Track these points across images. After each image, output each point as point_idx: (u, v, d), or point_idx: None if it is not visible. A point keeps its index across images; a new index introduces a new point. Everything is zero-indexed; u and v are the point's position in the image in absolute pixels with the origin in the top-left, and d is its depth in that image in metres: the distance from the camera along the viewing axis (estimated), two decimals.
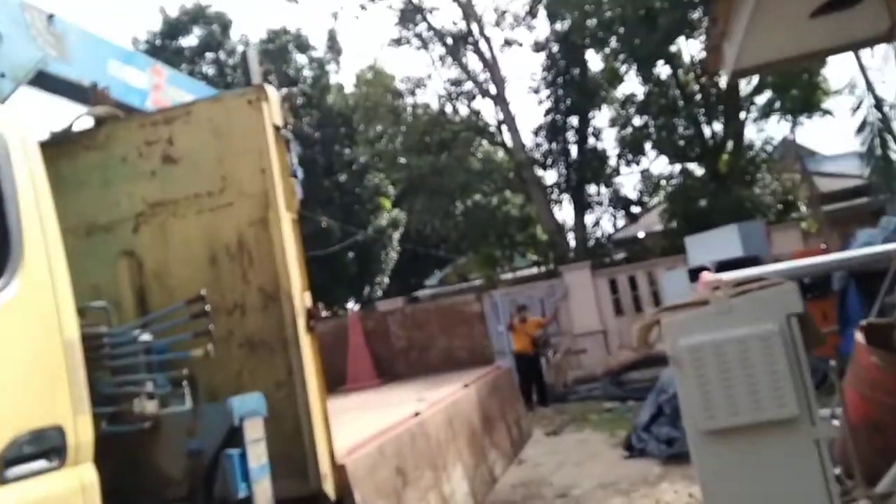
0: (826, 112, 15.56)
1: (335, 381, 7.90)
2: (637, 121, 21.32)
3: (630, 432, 8.97)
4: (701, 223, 18.98)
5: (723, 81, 20.46)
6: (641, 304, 17.50)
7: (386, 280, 39.17)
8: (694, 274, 12.34)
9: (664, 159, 21.80)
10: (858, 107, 15.03)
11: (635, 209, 21.05)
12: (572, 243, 20.15)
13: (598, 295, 17.59)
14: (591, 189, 20.48)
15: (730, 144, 19.83)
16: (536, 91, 20.05)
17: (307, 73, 37.59)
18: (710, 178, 19.49)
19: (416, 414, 5.00)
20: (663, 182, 21.72)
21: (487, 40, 20.20)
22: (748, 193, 18.11)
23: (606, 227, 20.09)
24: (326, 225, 35.77)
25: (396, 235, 38.33)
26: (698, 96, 20.75)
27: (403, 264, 39.26)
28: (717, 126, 19.96)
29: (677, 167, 21.06)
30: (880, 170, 14.96)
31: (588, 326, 17.39)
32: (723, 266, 12.23)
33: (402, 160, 20.18)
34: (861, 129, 15.11)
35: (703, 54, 19.59)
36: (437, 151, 19.46)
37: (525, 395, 13.56)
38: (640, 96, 21.48)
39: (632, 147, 20.83)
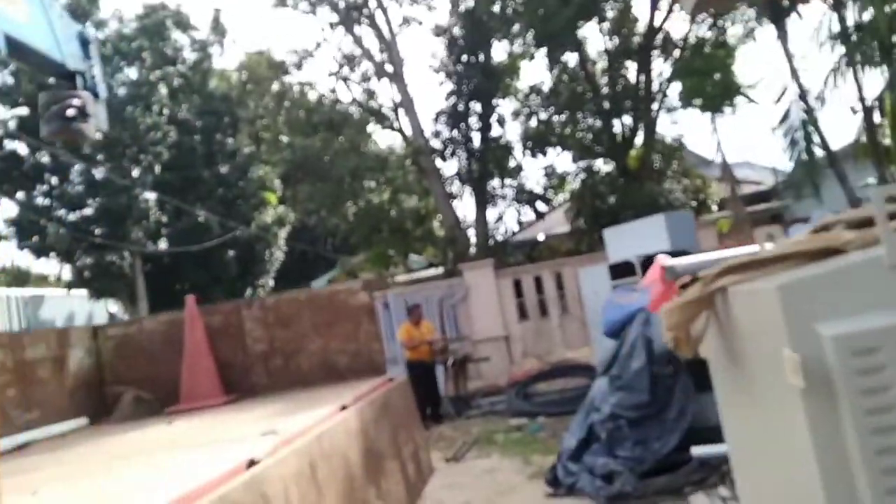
0: (749, 100, 14.53)
1: (167, 399, 5.68)
2: (543, 114, 19.93)
3: (553, 462, 7.17)
4: (610, 221, 17.69)
5: (631, 74, 19.45)
6: (547, 307, 15.93)
7: (271, 282, 36.37)
8: (616, 270, 10.78)
9: (570, 155, 20.47)
10: (782, 96, 14.01)
11: (541, 206, 19.48)
12: (473, 240, 18.40)
13: (502, 297, 15.87)
14: (495, 182, 18.80)
15: (640, 139, 18.71)
16: (437, 71, 18.22)
17: (188, 54, 34.41)
18: (620, 174, 18.27)
19: (252, 463, 2.91)
20: (569, 178, 20.37)
21: (385, 12, 18.19)
22: (661, 189, 16.94)
23: (510, 223, 18.50)
24: (204, 219, 32.78)
25: (283, 233, 35.69)
26: (605, 89, 19.57)
27: (290, 265, 36.56)
28: (627, 119, 18.80)
29: (584, 163, 19.76)
30: (802, 164, 13.98)
31: (490, 331, 15.63)
32: (649, 261, 10.74)
33: (285, 139, 17.80)
34: (784, 119, 14.09)
35: (612, 42, 18.40)
36: (326, 133, 17.27)
37: (420, 410, 11.61)
38: (546, 86, 20.12)
39: (535, 141, 19.35)
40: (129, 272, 31.98)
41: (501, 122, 18.73)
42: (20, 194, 29.68)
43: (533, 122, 19.89)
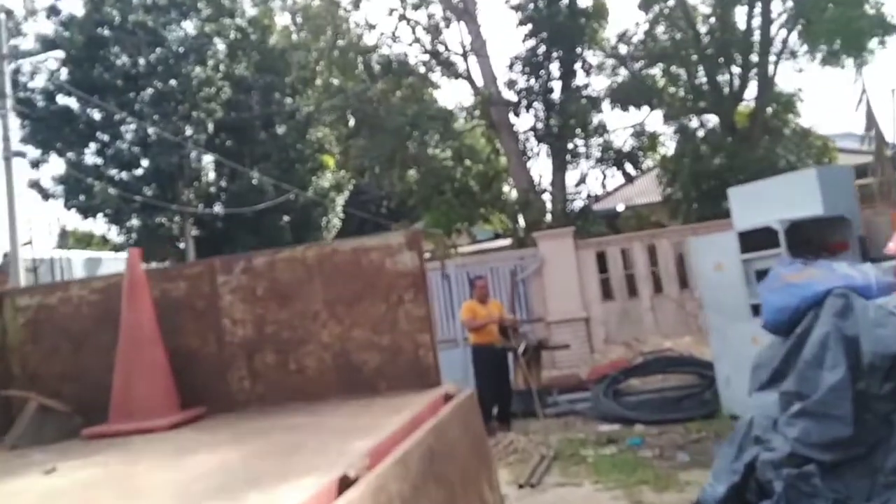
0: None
1: (95, 412, 3.56)
2: (633, 65, 17.20)
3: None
4: (715, 187, 15.00)
5: (740, 18, 16.53)
6: (637, 286, 13.44)
7: None
8: (749, 239, 8.25)
9: (661, 113, 17.68)
10: None
11: (630, 169, 16.76)
12: (549, 207, 15.92)
13: (582, 272, 13.44)
14: (577, 141, 16.20)
15: (751, 92, 15.86)
16: (515, 10, 15.65)
17: (248, 8, 32.58)
18: (726, 133, 15.48)
19: None
20: (661, 139, 17.63)
21: None
22: (778, 150, 14.14)
23: (593, 187, 15.94)
24: (258, 182, 31.10)
25: (340, 199, 33.80)
26: (708, 37, 16.72)
27: (348, 233, 34.74)
28: (735, 70, 15.93)
29: (682, 120, 16.97)
30: None
31: (567, 312, 13.24)
32: (795, 228, 8.17)
33: (335, 81, 15.57)
34: None
35: None
36: (384, 78, 15.03)
37: (484, 410, 9.34)
38: (639, 32, 17.35)
39: (624, 96, 16.66)
40: (178, 235, 30.63)
41: (587, 69, 16.09)
42: (71, 154, 28.53)
43: (621, 75, 17.20)
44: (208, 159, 31.59)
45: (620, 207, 20.98)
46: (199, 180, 30.68)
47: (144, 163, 28.95)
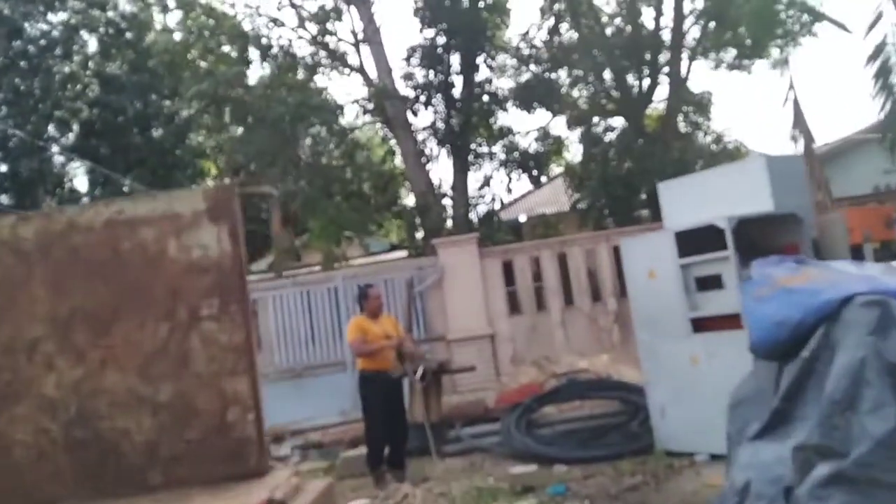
0: (838, 26, 10.81)
1: None
2: (535, 67, 16.05)
3: None
4: (624, 192, 13.97)
5: (648, 18, 15.71)
6: (546, 298, 12.11)
7: None
8: (688, 240, 6.96)
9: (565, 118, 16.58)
10: (875, 23, 10.33)
11: (537, 173, 15.45)
12: (451, 212, 14.40)
13: (487, 283, 11.99)
14: (480, 140, 14.78)
15: (662, 92, 14.96)
16: None
17: (123, 2, 29.78)
18: (637, 136, 14.48)
19: None
20: (567, 143, 16.53)
21: None
22: (693, 151, 13.23)
23: (499, 190, 14.55)
24: (130, 189, 28.22)
25: None
26: (613, 35, 15.80)
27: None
28: (645, 70, 15.01)
29: (589, 124, 15.92)
30: (895, 113, 10.36)
31: (471, 329, 11.74)
32: (744, 226, 6.93)
33: (203, 64, 13.52)
34: (876, 55, 10.44)
35: None
36: (264, 67, 13.20)
37: (374, 451, 7.63)
38: (542, 31, 16.23)
39: (525, 98, 15.44)
40: None
41: (490, 65, 14.72)
42: None
43: (525, 76, 15.99)
44: (74, 164, 28.54)
45: (523, 218, 19.79)
46: (62, 187, 27.54)
47: (1, 167, 25.68)
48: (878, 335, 3.08)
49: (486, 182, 14.61)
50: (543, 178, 16.12)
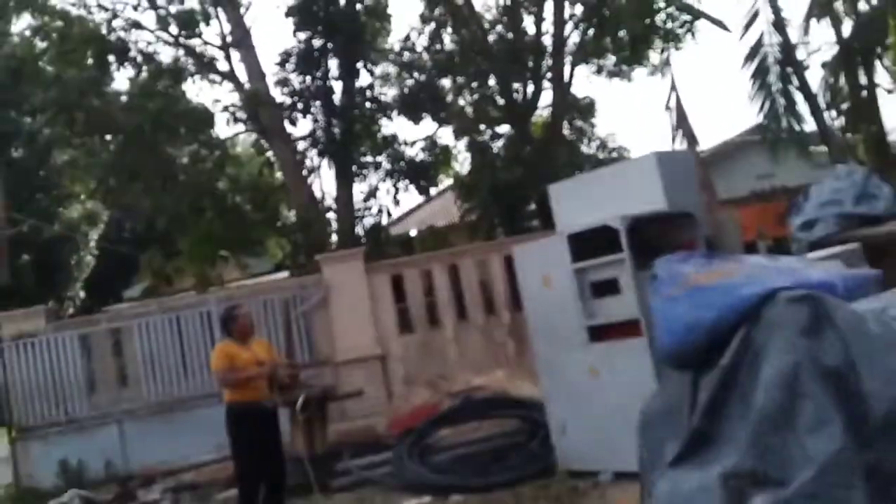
0: (716, 24, 10.82)
1: None
2: (419, 75, 15.59)
3: None
4: (515, 199, 13.64)
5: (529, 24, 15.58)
6: (438, 314, 11.52)
7: (81, 293, 29.63)
8: (582, 243, 6.53)
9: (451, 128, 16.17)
10: (751, 23, 10.41)
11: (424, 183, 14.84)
12: (335, 227, 13.60)
13: (376, 300, 11.27)
14: (363, 150, 14.05)
15: (546, 98, 14.78)
16: None
17: None
18: (524, 144, 14.20)
19: None
20: (455, 152, 16.09)
21: None
22: (581, 156, 13.06)
23: (385, 202, 13.85)
24: None
25: (94, 234, 29.07)
26: (495, 41, 15.56)
27: (105, 271, 30.02)
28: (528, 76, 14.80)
29: (476, 133, 15.55)
30: (774, 112, 10.45)
31: (359, 350, 10.96)
32: (638, 226, 6.55)
33: (49, 69, 12.17)
34: (753, 55, 10.51)
35: None
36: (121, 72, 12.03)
37: (247, 495, 6.74)
38: (422, 38, 15.81)
39: (410, 106, 14.94)
40: None
41: (371, 70, 14.07)
42: None
43: (408, 84, 15.49)
44: None
45: (414, 232, 19.22)
46: None
47: None
48: (810, 336, 2.60)
49: (372, 193, 13.91)
50: (433, 190, 15.53)
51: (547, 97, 14.89)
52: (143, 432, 10.63)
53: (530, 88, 14.71)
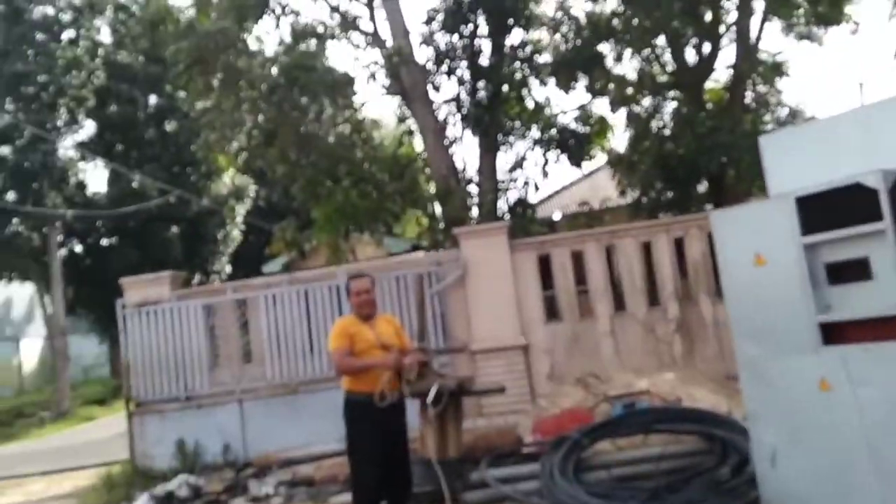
0: None
1: None
2: (573, 38, 13.88)
3: None
4: (686, 176, 11.79)
5: None
6: (592, 302, 9.96)
7: (227, 267, 30.21)
8: (811, 209, 4.80)
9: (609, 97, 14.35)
10: None
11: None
12: (476, 200, 12.28)
13: (520, 282, 9.87)
14: (512, 118, 12.61)
15: (725, 59, 12.75)
16: None
17: None
18: (696, 111, 12.25)
19: None
20: (612, 124, 14.31)
21: None
22: (766, 123, 11.02)
23: (533, 174, 12.35)
24: (140, 185, 26.58)
25: (241, 209, 29.45)
26: None
27: (250, 245, 30.46)
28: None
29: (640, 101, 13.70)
30: None
31: (499, 338, 9.61)
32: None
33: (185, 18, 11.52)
34: None
35: None
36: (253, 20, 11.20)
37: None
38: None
39: (567, 73, 13.29)
40: (42, 248, 25.75)
41: (525, 25, 12.52)
42: None
43: (562, 48, 13.84)
44: (83, 161, 26.96)
45: (557, 216, 17.62)
46: (66, 181, 25.97)
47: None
48: None
49: (519, 164, 12.44)
50: (585, 164, 13.84)
51: (726, 58, 12.82)
52: (264, 414, 9.81)
53: (706, 48, 12.70)
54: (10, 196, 24.00)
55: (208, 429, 9.75)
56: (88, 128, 27.35)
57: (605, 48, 14.35)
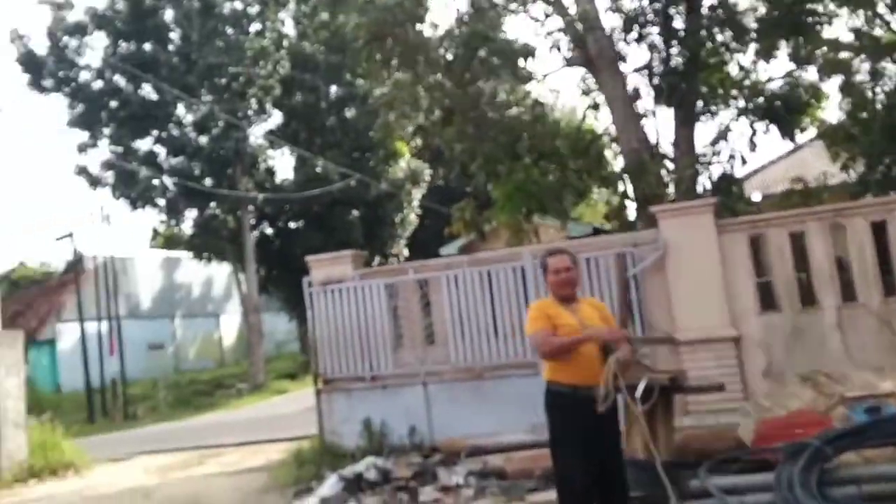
0: None
1: None
2: None
3: None
4: None
5: None
6: (815, 290, 8.73)
7: (404, 250, 30.74)
8: None
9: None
10: None
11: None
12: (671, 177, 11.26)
13: (728, 267, 8.83)
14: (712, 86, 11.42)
15: None
16: None
17: None
18: None
19: None
20: (826, 92, 12.60)
21: None
22: None
23: (740, 148, 11.14)
24: (323, 171, 27.53)
25: (417, 193, 29.78)
26: None
27: (426, 229, 30.77)
28: None
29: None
30: None
31: (706, 329, 8.64)
32: None
33: None
34: None
35: None
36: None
37: None
38: None
39: (766, 40, 11.81)
40: (236, 229, 27.43)
41: None
42: (121, 136, 25.74)
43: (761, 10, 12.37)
44: (270, 149, 28.36)
45: (756, 196, 16.02)
46: (256, 167, 27.43)
47: (196, 146, 25.90)
48: None
49: (722, 135, 11.26)
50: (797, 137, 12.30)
51: None
52: (449, 399, 9.52)
53: None
54: (207, 182, 25.74)
55: (393, 410, 9.61)
56: (275, 117, 28.78)
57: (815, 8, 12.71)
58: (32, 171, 63.28)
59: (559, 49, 10.97)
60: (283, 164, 42.72)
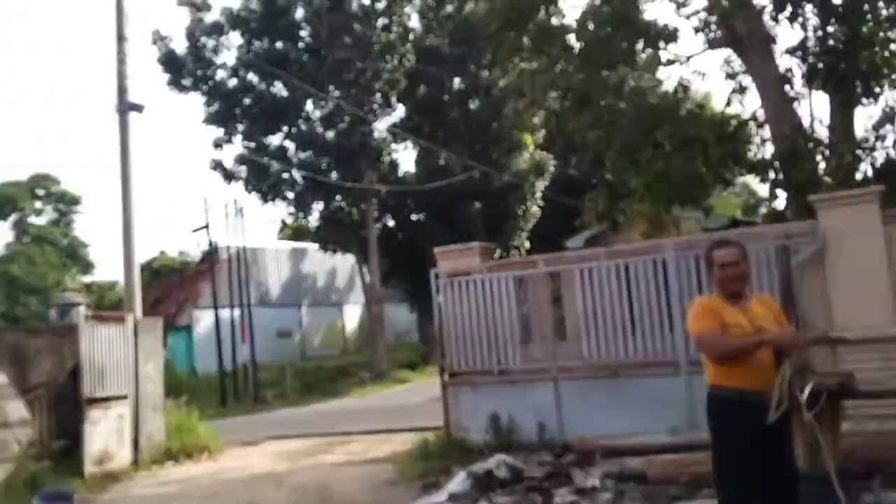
0: None
1: None
2: None
3: None
4: None
5: None
6: None
7: (526, 243, 30.35)
8: None
9: None
10: None
11: None
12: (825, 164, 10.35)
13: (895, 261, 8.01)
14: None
15: None
16: None
17: None
18: None
19: None
20: None
21: None
22: None
23: None
24: (446, 163, 27.56)
25: (540, 185, 29.29)
26: None
27: (549, 221, 30.20)
28: None
29: None
30: None
31: (870, 327, 7.85)
32: None
33: None
34: None
35: None
36: None
37: None
38: None
39: None
40: (360, 222, 27.95)
41: None
42: (254, 132, 26.75)
43: None
44: (394, 142, 28.67)
45: None
46: (380, 161, 27.79)
47: (323, 140, 26.53)
48: None
49: (889, 118, 10.25)
50: None
51: None
52: (581, 396, 9.14)
53: None
54: (333, 175, 26.32)
55: (522, 406, 9.34)
56: (399, 110, 29.05)
57: None
58: (172, 166, 67.46)
59: (707, 29, 10.29)
60: (406, 157, 43.22)
